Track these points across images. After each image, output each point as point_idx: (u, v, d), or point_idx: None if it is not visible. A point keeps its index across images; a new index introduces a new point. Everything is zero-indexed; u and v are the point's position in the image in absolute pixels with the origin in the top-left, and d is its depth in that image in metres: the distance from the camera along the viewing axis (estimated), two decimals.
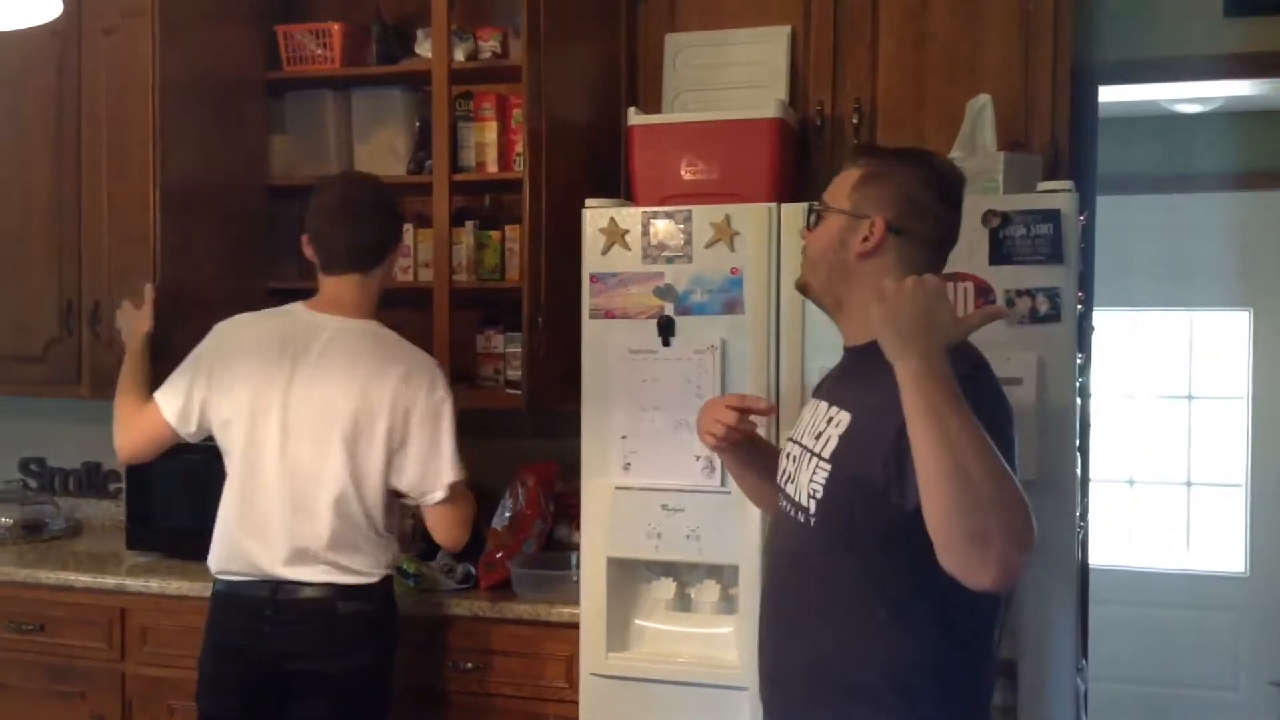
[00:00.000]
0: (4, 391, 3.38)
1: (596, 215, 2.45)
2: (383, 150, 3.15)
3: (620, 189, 2.82)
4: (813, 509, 1.67)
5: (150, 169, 2.91)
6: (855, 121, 2.76)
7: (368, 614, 2.36)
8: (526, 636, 2.59)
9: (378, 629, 2.40)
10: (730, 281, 2.34)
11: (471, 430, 3.28)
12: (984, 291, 2.19)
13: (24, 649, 2.91)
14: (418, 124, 3.12)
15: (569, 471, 2.91)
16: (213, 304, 2.60)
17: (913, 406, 1.45)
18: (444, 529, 2.44)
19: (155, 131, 2.90)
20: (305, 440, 2.33)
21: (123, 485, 2.82)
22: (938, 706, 1.63)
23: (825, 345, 2.29)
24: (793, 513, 1.73)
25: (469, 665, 2.61)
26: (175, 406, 2.41)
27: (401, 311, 3.23)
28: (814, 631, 1.68)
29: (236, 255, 3.03)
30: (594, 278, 2.44)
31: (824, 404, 1.74)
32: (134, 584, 2.82)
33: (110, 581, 2.85)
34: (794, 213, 2.33)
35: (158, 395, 2.44)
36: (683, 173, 2.54)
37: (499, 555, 2.76)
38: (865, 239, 1.68)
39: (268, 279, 3.10)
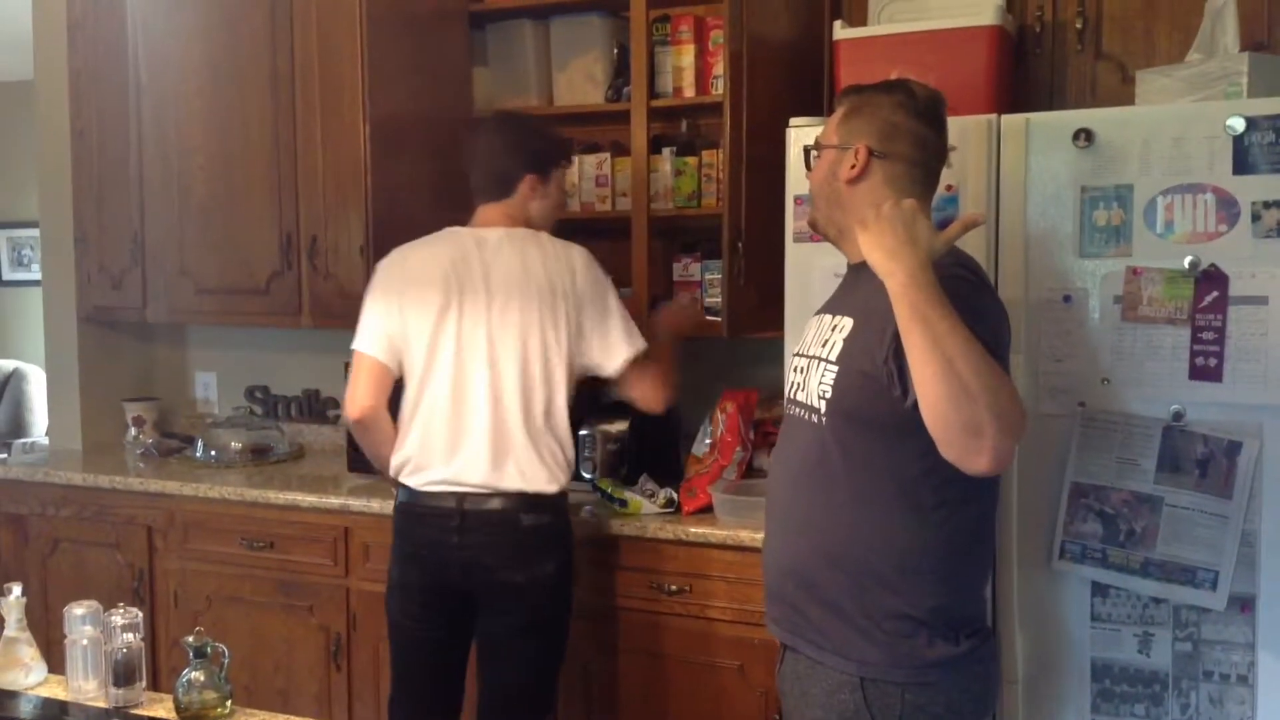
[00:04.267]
0: (231, 322, 3.57)
1: (801, 135, 2.38)
2: (581, 78, 3.16)
3: (823, 107, 2.74)
4: (823, 408, 1.79)
5: (360, 104, 3.00)
6: (1079, 26, 2.58)
7: (549, 525, 2.46)
8: (729, 561, 2.59)
9: (559, 540, 2.50)
10: (944, 200, 2.23)
11: None
12: (1226, 204, 2.03)
13: (256, 565, 3.10)
14: (615, 51, 3.11)
15: (769, 398, 2.89)
16: (422, 235, 2.61)
17: (904, 316, 1.57)
18: (640, 388, 2.56)
19: (364, 66, 2.98)
20: (486, 352, 2.43)
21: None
22: (941, 585, 1.76)
23: (1051, 269, 2.18)
24: (804, 416, 1.85)
25: (674, 588, 2.64)
26: (380, 347, 2.51)
27: (600, 241, 3.25)
28: (827, 525, 1.80)
29: (445, 187, 3.05)
30: (799, 200, 2.38)
31: (828, 316, 1.88)
32: (356, 504, 2.95)
33: (335, 502, 2.99)
34: (1015, 124, 2.21)
35: (357, 345, 2.54)
36: None
37: (700, 481, 2.77)
38: (852, 166, 1.83)
39: (474, 210, 3.14)
